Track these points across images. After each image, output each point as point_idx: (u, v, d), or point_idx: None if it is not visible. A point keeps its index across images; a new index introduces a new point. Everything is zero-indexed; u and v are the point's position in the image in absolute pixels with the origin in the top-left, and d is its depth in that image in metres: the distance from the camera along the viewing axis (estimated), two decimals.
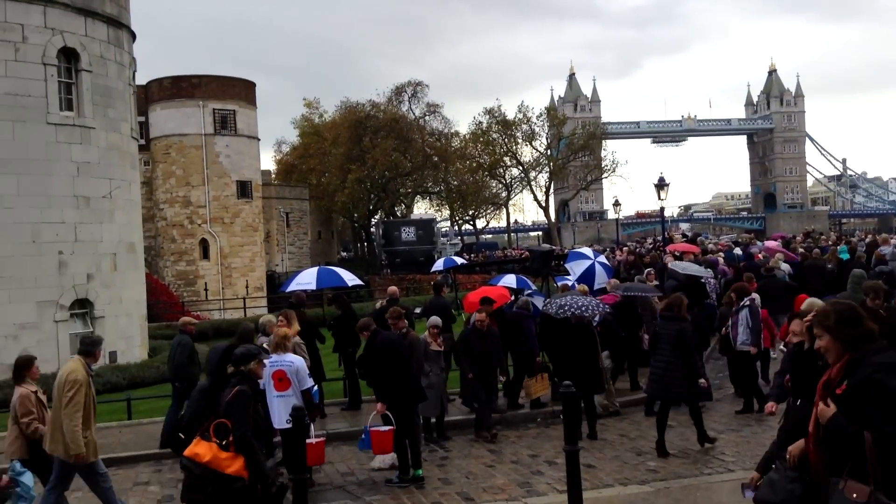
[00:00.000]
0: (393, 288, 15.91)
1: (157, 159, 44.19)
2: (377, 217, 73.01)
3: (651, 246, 36.91)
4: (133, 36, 21.90)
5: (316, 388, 10.33)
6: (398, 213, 73.10)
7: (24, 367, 8.01)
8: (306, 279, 15.57)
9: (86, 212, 19.18)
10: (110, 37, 20.20)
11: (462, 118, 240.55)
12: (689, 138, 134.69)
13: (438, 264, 29.71)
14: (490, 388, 11.34)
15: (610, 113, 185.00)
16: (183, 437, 6.74)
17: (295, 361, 8.83)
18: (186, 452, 6.11)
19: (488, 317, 11.43)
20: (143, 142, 31.74)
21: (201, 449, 6.01)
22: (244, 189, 45.07)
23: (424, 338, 10.93)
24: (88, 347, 7.91)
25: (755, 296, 12.30)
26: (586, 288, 14.06)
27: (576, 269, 16.22)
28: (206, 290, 43.10)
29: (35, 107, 18.28)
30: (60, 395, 7.50)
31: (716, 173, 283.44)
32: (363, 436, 9.11)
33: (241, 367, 6.40)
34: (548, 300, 12.59)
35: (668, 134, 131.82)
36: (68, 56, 19.02)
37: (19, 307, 18.01)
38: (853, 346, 3.74)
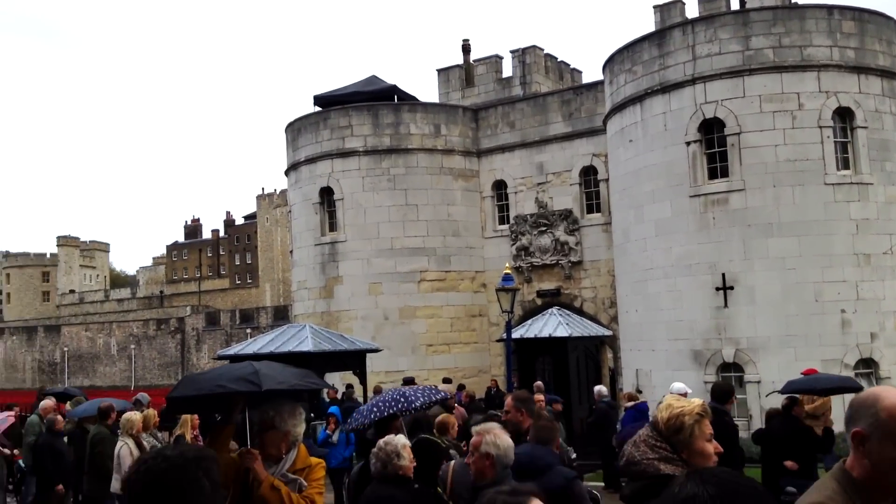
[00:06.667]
0: None
1: None
2: None
3: None
4: None
5: None
6: None
7: None
8: None
9: (866, 269, 18.75)
10: (884, 89, 19.63)
11: None
12: None
13: None
14: None
15: None
16: None
17: None
18: None
19: None
20: None
21: None
22: None
23: None
24: None
25: None
26: None
27: None
28: None
29: (812, 169, 18.83)
30: None
31: None
32: None
33: None
34: None
35: None
36: (842, 115, 19.15)
37: (804, 364, 18.35)
38: None
